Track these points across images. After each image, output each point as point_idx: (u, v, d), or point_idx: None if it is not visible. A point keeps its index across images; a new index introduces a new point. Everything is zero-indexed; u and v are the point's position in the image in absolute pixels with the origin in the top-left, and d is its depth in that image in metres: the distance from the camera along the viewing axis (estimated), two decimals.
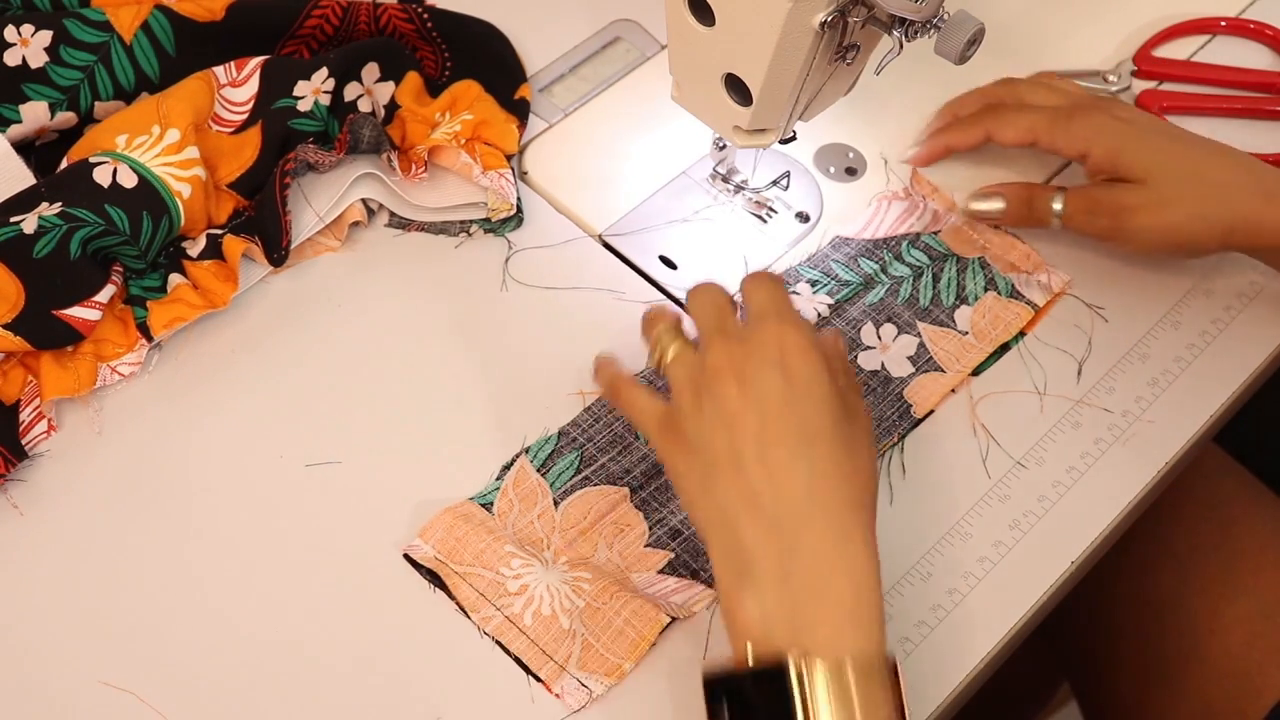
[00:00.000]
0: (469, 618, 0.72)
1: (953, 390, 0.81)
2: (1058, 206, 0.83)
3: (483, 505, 0.75)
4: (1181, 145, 0.81)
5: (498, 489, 0.76)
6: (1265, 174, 0.80)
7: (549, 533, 0.74)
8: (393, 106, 0.88)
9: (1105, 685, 1.00)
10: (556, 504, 0.75)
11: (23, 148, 0.83)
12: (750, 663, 0.63)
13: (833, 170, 0.91)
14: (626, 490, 0.76)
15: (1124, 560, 0.94)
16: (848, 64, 0.75)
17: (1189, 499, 0.94)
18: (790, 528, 0.63)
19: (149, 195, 0.78)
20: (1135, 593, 0.96)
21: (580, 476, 0.76)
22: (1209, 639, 0.92)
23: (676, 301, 0.84)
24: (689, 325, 0.72)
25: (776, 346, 0.66)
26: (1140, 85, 0.96)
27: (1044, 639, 0.96)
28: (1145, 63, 0.96)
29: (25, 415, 0.76)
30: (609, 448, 0.77)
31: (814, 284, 0.84)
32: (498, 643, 0.71)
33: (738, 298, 0.72)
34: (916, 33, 0.71)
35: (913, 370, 0.81)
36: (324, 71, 0.84)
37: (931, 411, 0.80)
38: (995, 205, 0.85)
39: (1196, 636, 0.92)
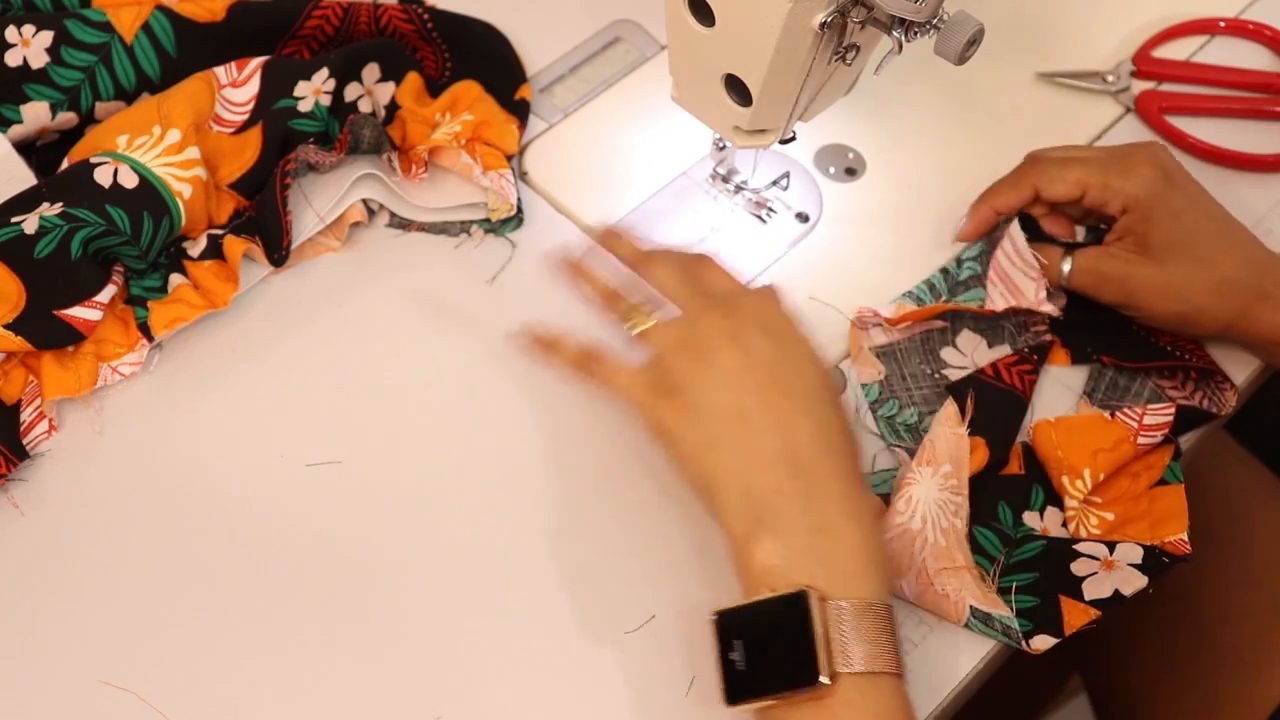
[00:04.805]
0: None
1: None
2: (1066, 268, 0.82)
3: None
4: (1207, 223, 0.81)
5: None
6: (1266, 271, 0.80)
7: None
8: (393, 107, 0.88)
9: (1115, 673, 1.00)
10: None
11: (24, 148, 0.83)
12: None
13: (832, 170, 0.91)
14: None
15: None
16: (847, 64, 0.75)
17: (1202, 490, 0.94)
18: (807, 474, 0.67)
19: (150, 195, 0.78)
20: None
21: None
22: (1219, 629, 0.92)
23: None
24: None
25: (763, 315, 0.72)
26: (1139, 85, 0.96)
27: None
28: (1144, 63, 0.96)
29: (26, 415, 0.77)
30: None
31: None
32: None
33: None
34: (916, 33, 0.71)
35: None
36: (324, 72, 0.85)
37: None
38: None
39: (1207, 627, 0.92)
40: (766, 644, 0.65)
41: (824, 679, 0.63)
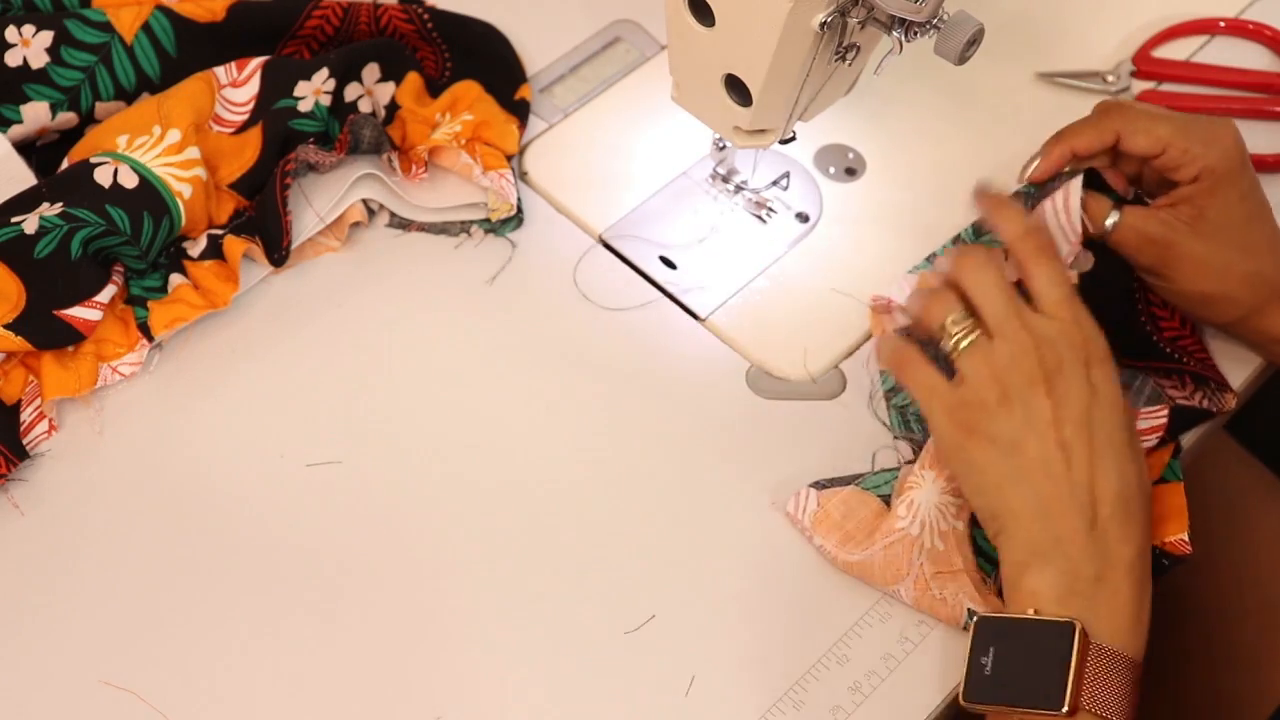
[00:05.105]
0: None
1: None
2: (1110, 222, 0.79)
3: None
4: (1258, 213, 0.80)
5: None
6: None
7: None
8: (393, 107, 0.88)
9: None
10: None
11: (24, 148, 0.83)
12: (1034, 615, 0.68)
13: (832, 170, 0.91)
14: None
15: None
16: (848, 64, 0.75)
17: (1202, 490, 0.94)
18: (1103, 532, 0.68)
19: (150, 195, 0.78)
20: None
21: None
22: (1220, 629, 0.92)
23: None
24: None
25: (1082, 356, 0.71)
26: (1139, 86, 0.96)
27: None
28: (1144, 63, 0.96)
29: (26, 415, 0.77)
30: None
31: None
32: None
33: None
34: (916, 33, 0.71)
35: None
36: (325, 72, 0.85)
37: None
38: None
39: (1207, 627, 0.92)
40: (1019, 659, 0.67)
41: (1067, 708, 0.65)
